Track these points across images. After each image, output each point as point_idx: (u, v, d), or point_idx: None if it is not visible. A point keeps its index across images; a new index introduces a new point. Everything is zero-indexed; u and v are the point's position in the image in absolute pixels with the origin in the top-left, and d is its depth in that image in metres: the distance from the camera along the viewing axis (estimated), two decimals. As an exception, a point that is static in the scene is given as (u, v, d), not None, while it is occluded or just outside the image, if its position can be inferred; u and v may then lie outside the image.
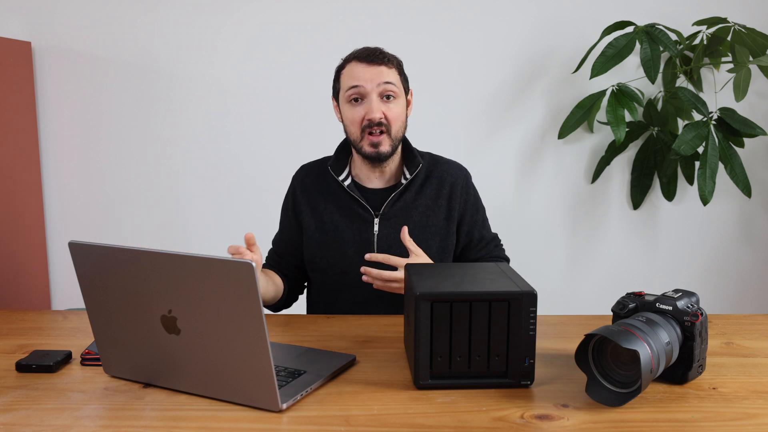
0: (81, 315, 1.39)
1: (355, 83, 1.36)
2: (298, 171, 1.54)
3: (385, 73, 1.36)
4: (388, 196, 1.44)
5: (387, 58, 1.38)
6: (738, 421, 0.86)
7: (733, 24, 2.13)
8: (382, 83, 1.36)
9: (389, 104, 1.37)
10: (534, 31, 2.36)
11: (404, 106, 1.42)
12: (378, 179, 1.46)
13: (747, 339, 1.22)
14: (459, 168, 1.51)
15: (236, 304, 0.85)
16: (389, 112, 1.37)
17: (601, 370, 0.92)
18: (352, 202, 1.44)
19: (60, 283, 2.45)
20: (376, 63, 1.36)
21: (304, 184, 1.49)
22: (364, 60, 1.37)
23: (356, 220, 1.43)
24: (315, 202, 1.46)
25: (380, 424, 0.86)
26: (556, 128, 2.39)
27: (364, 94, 1.36)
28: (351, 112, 1.38)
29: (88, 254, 0.96)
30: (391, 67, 1.38)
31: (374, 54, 1.37)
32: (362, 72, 1.36)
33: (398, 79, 1.39)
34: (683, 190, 2.44)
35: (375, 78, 1.35)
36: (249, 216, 2.42)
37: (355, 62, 1.38)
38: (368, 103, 1.36)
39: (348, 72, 1.38)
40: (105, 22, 2.32)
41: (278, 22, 2.34)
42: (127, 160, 2.40)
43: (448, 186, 1.46)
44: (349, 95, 1.38)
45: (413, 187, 1.45)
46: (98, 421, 0.87)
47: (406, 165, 1.46)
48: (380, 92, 1.36)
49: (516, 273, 1.07)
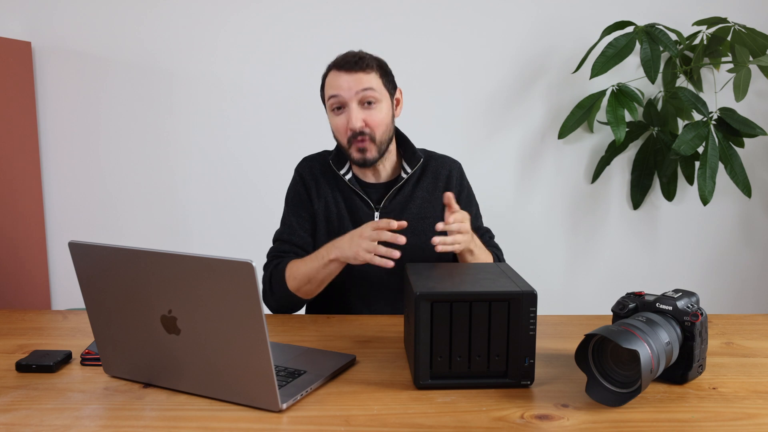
0: (81, 315, 1.39)
1: (334, 92, 1.37)
2: (302, 162, 1.54)
3: (364, 80, 1.36)
4: (387, 191, 1.46)
5: (366, 63, 1.37)
6: (738, 421, 0.86)
7: (733, 24, 2.13)
8: (361, 90, 1.35)
9: (370, 110, 1.37)
10: (534, 31, 2.36)
11: (388, 108, 1.41)
12: (373, 177, 1.48)
13: (747, 339, 1.22)
14: (452, 161, 1.53)
15: (236, 304, 0.85)
16: (370, 118, 1.37)
17: (601, 370, 0.92)
18: (354, 196, 1.46)
19: (60, 283, 2.45)
20: (353, 70, 1.36)
21: (313, 174, 1.49)
22: (342, 68, 1.37)
23: (358, 213, 1.45)
24: (323, 191, 1.48)
25: (380, 424, 0.86)
26: (556, 128, 2.39)
27: (344, 102, 1.37)
28: (335, 121, 1.40)
29: (88, 254, 0.96)
30: (370, 71, 1.37)
31: (351, 61, 1.37)
32: (341, 81, 1.36)
33: (379, 83, 1.38)
34: (683, 190, 2.44)
35: (353, 86, 1.35)
36: (249, 216, 2.42)
37: (335, 71, 1.38)
38: (348, 112, 1.36)
39: (329, 81, 1.39)
40: (105, 22, 2.32)
41: (278, 22, 2.34)
42: (127, 160, 2.40)
43: (444, 179, 1.49)
44: (331, 104, 1.39)
45: (410, 182, 1.48)
46: (98, 421, 0.87)
47: (405, 160, 1.48)
48: (360, 99, 1.36)
49: (516, 273, 1.07)
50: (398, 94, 1.47)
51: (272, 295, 1.42)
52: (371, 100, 1.37)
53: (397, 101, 1.46)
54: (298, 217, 1.48)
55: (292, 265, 1.39)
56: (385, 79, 1.41)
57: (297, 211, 1.49)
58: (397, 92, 1.46)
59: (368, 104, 1.37)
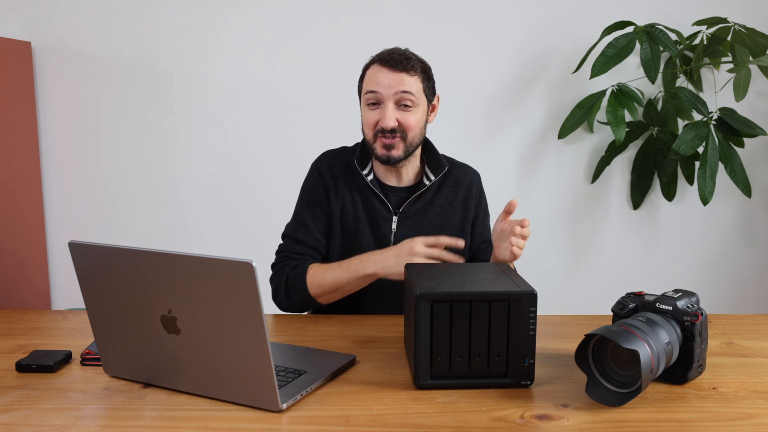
0: (81, 315, 1.39)
1: (372, 88, 1.35)
2: (322, 157, 1.50)
3: (406, 82, 1.34)
4: (408, 196, 1.44)
5: (411, 65, 1.35)
6: (738, 421, 0.86)
7: (733, 24, 2.13)
8: (400, 92, 1.33)
9: (406, 112, 1.35)
10: (534, 31, 2.36)
11: (423, 113, 1.40)
12: (396, 180, 1.46)
13: (747, 339, 1.22)
14: (473, 172, 1.52)
15: (236, 304, 0.85)
16: (404, 119, 1.35)
17: (601, 370, 0.92)
18: (374, 198, 1.44)
19: (60, 283, 2.45)
20: (397, 69, 1.34)
21: (333, 172, 1.46)
22: (386, 64, 1.35)
23: (376, 216, 1.43)
24: (341, 191, 1.45)
25: (380, 424, 0.86)
26: (556, 128, 2.39)
27: (380, 100, 1.35)
28: (367, 115, 1.38)
29: (88, 254, 0.96)
30: (414, 74, 1.35)
31: (397, 59, 1.35)
32: (382, 77, 1.34)
33: (419, 88, 1.37)
34: (683, 190, 2.44)
35: (394, 86, 1.33)
36: (249, 216, 2.42)
37: (378, 65, 1.36)
38: (383, 110, 1.35)
39: (370, 75, 1.37)
40: (105, 22, 2.32)
41: (278, 22, 2.34)
42: (127, 160, 2.40)
43: (464, 188, 1.48)
44: (366, 99, 1.37)
45: (431, 189, 1.46)
46: (98, 421, 0.87)
47: (429, 167, 1.46)
48: (397, 100, 1.34)
49: (516, 273, 1.07)
50: (435, 100, 1.45)
51: (288, 297, 1.38)
52: (408, 103, 1.35)
53: (433, 107, 1.45)
54: (314, 216, 1.44)
55: (315, 271, 1.36)
56: (427, 84, 1.39)
57: (313, 209, 1.45)
58: (435, 98, 1.45)
59: (405, 106, 1.35)
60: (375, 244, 1.43)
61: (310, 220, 1.44)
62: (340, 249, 1.44)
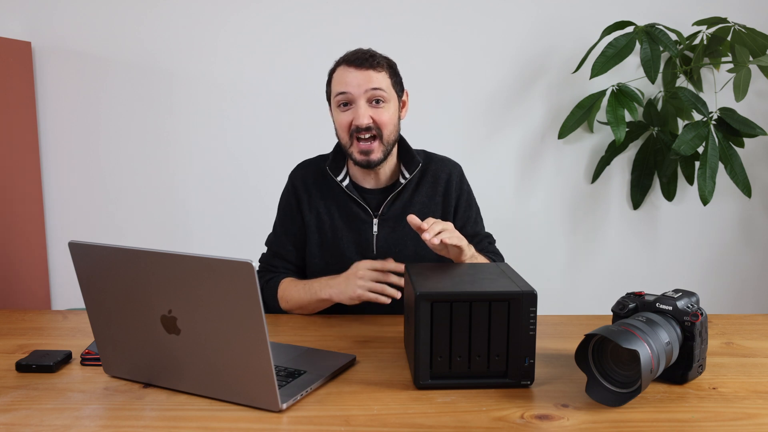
0: (81, 315, 1.39)
1: (342, 89, 1.35)
2: (296, 169, 1.52)
3: (374, 78, 1.34)
4: (386, 197, 1.44)
5: (377, 62, 1.36)
6: (738, 421, 0.86)
7: (733, 24, 2.13)
8: (370, 89, 1.34)
9: (378, 109, 1.35)
10: (534, 31, 2.36)
11: (396, 109, 1.40)
12: (373, 181, 1.46)
13: (747, 339, 1.22)
14: (453, 164, 1.51)
15: (236, 304, 0.85)
16: (378, 116, 1.35)
17: (601, 370, 0.92)
18: (351, 203, 1.44)
19: (60, 283, 2.45)
20: (364, 67, 1.34)
21: (305, 184, 1.48)
22: (352, 64, 1.35)
23: (355, 221, 1.43)
24: (315, 202, 1.46)
25: (380, 424, 0.86)
26: (556, 128, 2.39)
27: (351, 99, 1.35)
28: (339, 117, 1.38)
29: (88, 254, 0.96)
30: (381, 70, 1.36)
31: (363, 58, 1.35)
32: (350, 77, 1.34)
33: (388, 83, 1.37)
34: (683, 190, 2.44)
35: (363, 83, 1.34)
36: (249, 216, 2.42)
37: (344, 66, 1.37)
38: (356, 109, 1.35)
39: (337, 77, 1.38)
40: (105, 22, 2.32)
41: (278, 22, 2.33)
42: (127, 160, 2.40)
43: (443, 183, 1.47)
44: (337, 101, 1.37)
45: (410, 187, 1.45)
46: (98, 421, 0.87)
47: (404, 165, 1.45)
48: (368, 98, 1.34)
49: (516, 273, 1.07)
50: (405, 96, 1.45)
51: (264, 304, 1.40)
52: (380, 98, 1.35)
53: (403, 103, 1.45)
54: (286, 230, 1.49)
55: (285, 286, 1.41)
56: (394, 79, 1.40)
57: (285, 223, 1.50)
58: (404, 94, 1.45)
59: (376, 103, 1.35)
60: (356, 249, 1.43)
61: (283, 233, 1.49)
62: (321, 258, 1.45)
